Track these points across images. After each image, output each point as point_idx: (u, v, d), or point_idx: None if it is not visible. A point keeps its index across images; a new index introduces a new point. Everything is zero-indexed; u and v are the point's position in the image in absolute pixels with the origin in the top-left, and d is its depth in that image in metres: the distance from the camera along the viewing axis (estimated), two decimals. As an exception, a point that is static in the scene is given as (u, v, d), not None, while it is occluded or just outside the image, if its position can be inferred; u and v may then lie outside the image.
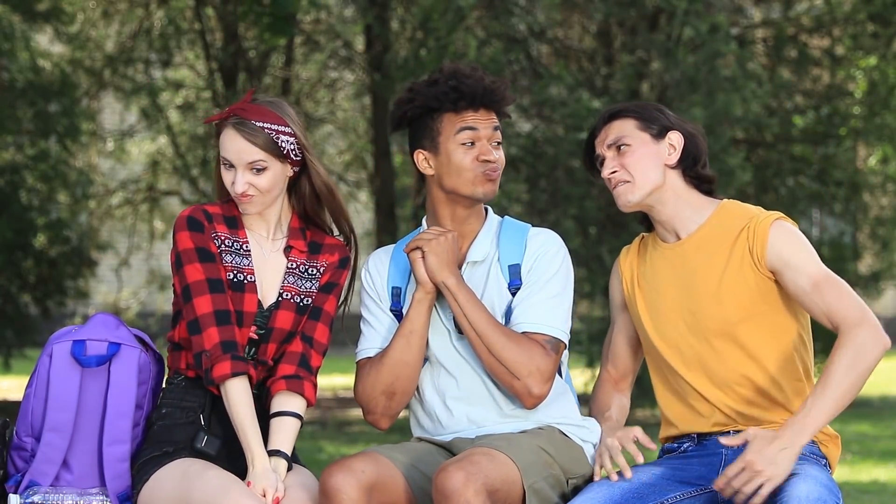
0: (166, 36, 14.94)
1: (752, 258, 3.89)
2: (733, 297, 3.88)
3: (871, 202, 15.14)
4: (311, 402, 3.97)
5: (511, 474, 3.74)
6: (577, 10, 14.11)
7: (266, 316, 3.98)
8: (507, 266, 4.04)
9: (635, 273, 4.09)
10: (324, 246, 4.07)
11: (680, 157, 4.00)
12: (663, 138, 3.99)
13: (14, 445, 3.99)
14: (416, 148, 4.07)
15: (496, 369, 3.91)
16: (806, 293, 3.83)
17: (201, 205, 4.03)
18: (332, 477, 3.72)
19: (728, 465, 3.72)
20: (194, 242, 3.94)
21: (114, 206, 17.01)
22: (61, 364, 3.92)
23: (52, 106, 13.93)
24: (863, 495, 8.54)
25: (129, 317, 18.10)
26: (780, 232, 3.89)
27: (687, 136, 4.01)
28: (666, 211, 4.00)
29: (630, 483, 3.84)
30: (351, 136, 17.35)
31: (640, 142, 3.98)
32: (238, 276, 3.96)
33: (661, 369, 4.04)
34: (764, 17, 14.92)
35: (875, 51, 14.14)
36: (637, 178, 3.97)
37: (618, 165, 3.99)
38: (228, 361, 3.84)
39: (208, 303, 3.88)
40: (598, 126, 4.05)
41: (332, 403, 15.89)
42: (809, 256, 3.87)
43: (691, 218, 4.00)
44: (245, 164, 3.94)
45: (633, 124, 4.00)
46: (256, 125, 3.93)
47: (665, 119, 4.01)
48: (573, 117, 12.54)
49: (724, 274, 3.90)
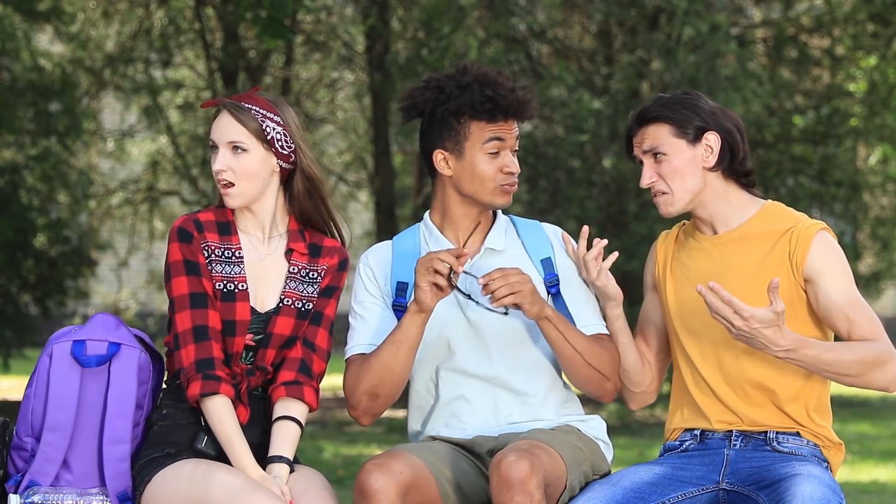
0: (166, 36, 14.94)
1: (790, 263, 3.87)
2: (762, 298, 3.88)
3: (871, 202, 15.15)
4: (312, 406, 3.96)
5: (560, 470, 3.74)
6: (577, 10, 14.11)
7: (264, 321, 3.95)
8: (539, 260, 4.05)
9: (669, 258, 4.07)
10: (323, 248, 4.04)
11: (718, 158, 3.96)
12: (699, 141, 3.94)
13: (14, 445, 3.98)
14: (435, 147, 4.02)
15: (590, 377, 3.95)
16: (836, 306, 3.83)
17: (194, 213, 3.99)
18: (371, 476, 3.68)
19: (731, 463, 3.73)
20: (182, 254, 3.92)
21: (114, 206, 17.02)
22: (61, 364, 3.92)
23: (53, 106, 13.92)
24: (863, 495, 8.53)
25: (129, 317, 18.10)
26: (823, 243, 3.88)
27: (723, 134, 3.95)
28: (706, 210, 3.98)
29: (632, 482, 3.84)
30: (351, 136, 17.36)
31: (676, 150, 3.94)
32: (228, 286, 3.93)
33: (678, 357, 4.03)
34: (764, 17, 14.92)
35: (875, 51, 14.14)
36: (676, 189, 3.94)
37: (655, 175, 3.95)
38: (199, 381, 3.84)
39: (188, 319, 3.88)
40: (631, 127, 4.01)
41: (332, 403, 15.88)
42: (846, 273, 3.88)
43: (731, 216, 3.97)
44: (226, 143, 3.92)
45: (667, 130, 3.94)
46: (245, 107, 3.93)
47: (699, 119, 3.94)
48: (573, 117, 12.54)
49: (758, 273, 3.89)
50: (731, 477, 3.87)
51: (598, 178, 13.10)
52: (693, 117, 3.94)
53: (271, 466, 3.85)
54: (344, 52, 15.27)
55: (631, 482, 3.84)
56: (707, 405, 3.96)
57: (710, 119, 3.95)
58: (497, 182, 3.98)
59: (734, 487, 3.85)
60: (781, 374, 3.90)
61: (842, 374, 3.77)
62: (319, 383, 4.01)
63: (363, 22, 14.29)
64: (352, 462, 10.35)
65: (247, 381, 3.93)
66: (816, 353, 3.74)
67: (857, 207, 14.72)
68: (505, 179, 3.99)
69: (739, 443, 3.92)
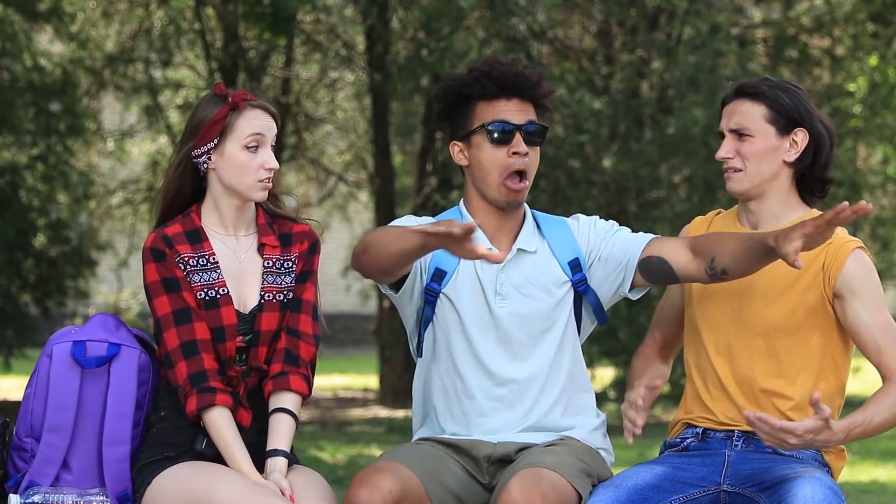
0: (166, 36, 14.93)
1: (823, 274, 3.86)
2: (786, 304, 3.86)
3: (872, 202, 15.14)
4: (302, 393, 3.93)
5: (568, 496, 3.71)
6: (577, 10, 14.11)
7: (250, 321, 3.95)
8: (567, 262, 3.98)
9: None
10: (293, 236, 4.02)
11: (800, 156, 3.94)
12: (789, 133, 3.93)
13: (14, 446, 3.98)
14: (451, 139, 3.97)
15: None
16: (865, 328, 3.82)
17: (161, 229, 3.96)
18: (357, 496, 3.67)
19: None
20: (159, 274, 3.92)
21: (114, 206, 17.01)
22: (61, 365, 3.92)
23: (53, 105, 13.92)
24: (863, 495, 8.53)
25: (130, 317, 18.10)
26: (859, 261, 3.87)
27: (813, 135, 3.93)
28: (762, 204, 3.95)
29: (635, 483, 3.83)
30: (351, 136, 17.34)
31: (764, 135, 3.92)
32: (209, 293, 3.93)
33: (691, 348, 4.03)
34: (764, 17, 14.92)
35: (875, 51, 14.14)
36: (750, 170, 3.92)
37: (734, 152, 3.93)
38: (195, 396, 3.85)
39: (175, 336, 3.88)
40: (729, 96, 3.97)
41: (332, 403, 15.89)
42: (878, 295, 3.87)
43: (777, 216, 3.95)
44: (270, 141, 3.95)
45: (761, 112, 3.91)
46: (270, 105, 3.99)
47: (797, 112, 3.92)
48: (573, 117, 12.53)
49: (789, 278, 3.86)
50: (732, 478, 3.86)
51: (598, 178, 13.10)
52: (791, 108, 3.92)
53: (269, 461, 3.85)
54: (344, 52, 15.26)
55: (634, 483, 3.84)
56: (713, 399, 3.96)
57: (806, 116, 3.93)
58: (502, 174, 3.91)
59: (735, 489, 3.85)
60: (791, 382, 3.90)
61: (889, 427, 3.80)
62: (311, 369, 3.98)
63: (363, 22, 14.28)
64: (352, 462, 10.35)
65: (244, 384, 3.93)
66: (864, 427, 3.74)
67: (857, 207, 14.71)
68: (509, 168, 3.89)
69: (741, 444, 3.92)
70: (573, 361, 4.00)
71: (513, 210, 3.98)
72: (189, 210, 3.99)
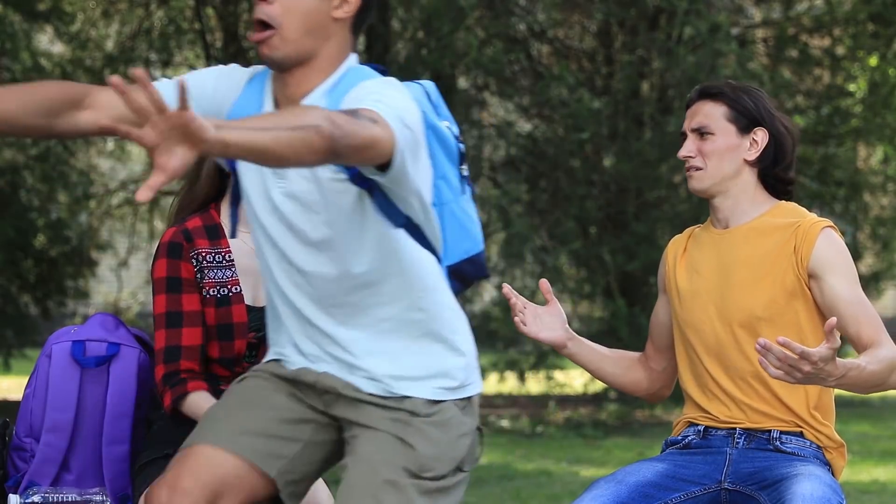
0: (166, 36, 14.93)
1: (795, 256, 3.89)
2: (764, 291, 3.89)
3: (872, 202, 15.15)
4: None
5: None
6: (577, 10, 14.11)
7: (262, 317, 3.96)
8: None
9: (680, 255, 4.08)
10: None
11: (760, 156, 3.99)
12: (749, 133, 3.99)
13: (14, 446, 3.98)
14: None
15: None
16: (844, 303, 3.83)
17: (182, 223, 3.98)
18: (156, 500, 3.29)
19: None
20: (166, 272, 3.93)
21: (114, 206, 17.01)
22: (61, 364, 3.92)
23: (53, 105, 13.90)
24: (863, 495, 8.53)
25: (130, 317, 18.10)
26: (829, 239, 3.90)
27: (773, 135, 3.99)
28: (727, 203, 4.00)
29: (636, 480, 3.84)
30: (351, 136, 17.34)
31: (724, 133, 3.98)
32: (221, 291, 3.94)
33: (682, 351, 4.05)
34: (764, 16, 14.92)
35: (875, 51, 14.14)
36: (710, 168, 3.97)
37: (695, 151, 3.99)
38: (168, 392, 3.87)
39: (162, 338, 3.90)
40: (692, 98, 4.05)
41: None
42: (851, 271, 3.89)
43: (746, 212, 4.00)
44: None
45: (722, 111, 3.98)
46: None
47: (757, 112, 3.98)
48: (573, 117, 12.54)
49: (763, 266, 3.91)
50: (733, 476, 3.87)
51: (598, 178, 13.11)
52: (752, 108, 3.98)
53: None
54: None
55: (636, 480, 3.85)
56: (709, 401, 3.97)
57: (767, 116, 3.99)
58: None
59: (736, 487, 3.86)
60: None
61: (876, 384, 3.76)
62: None
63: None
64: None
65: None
66: (858, 372, 3.70)
67: (857, 207, 14.72)
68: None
69: (742, 441, 3.92)
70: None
71: (280, 69, 3.37)
72: (208, 206, 4.02)
